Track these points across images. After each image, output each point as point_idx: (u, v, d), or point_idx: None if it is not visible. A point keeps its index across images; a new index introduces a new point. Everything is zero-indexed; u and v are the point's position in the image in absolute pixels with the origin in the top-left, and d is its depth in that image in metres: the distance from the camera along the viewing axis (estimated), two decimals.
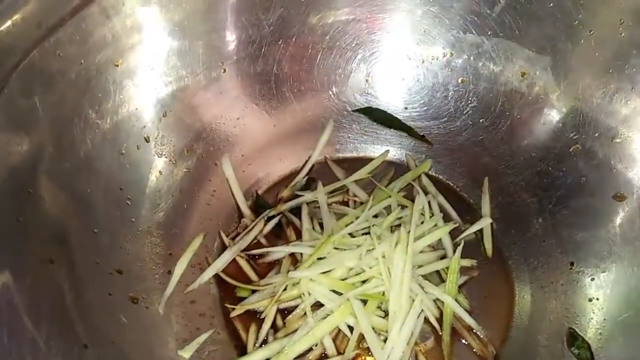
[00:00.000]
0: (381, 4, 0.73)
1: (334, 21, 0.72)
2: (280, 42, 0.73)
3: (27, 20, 0.54)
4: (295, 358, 0.59)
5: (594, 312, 0.62)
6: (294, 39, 0.73)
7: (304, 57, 0.74)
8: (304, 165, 0.77)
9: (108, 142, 0.62)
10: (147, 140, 0.67)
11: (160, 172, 0.68)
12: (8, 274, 0.46)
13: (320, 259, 0.64)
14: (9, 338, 0.43)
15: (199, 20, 0.67)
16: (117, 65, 0.63)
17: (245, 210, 0.73)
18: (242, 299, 0.65)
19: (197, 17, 0.67)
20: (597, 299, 0.63)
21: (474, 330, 0.63)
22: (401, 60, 0.77)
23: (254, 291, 0.65)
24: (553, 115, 0.71)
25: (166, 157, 0.69)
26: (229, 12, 0.69)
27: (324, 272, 0.62)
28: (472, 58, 0.73)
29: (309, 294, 0.62)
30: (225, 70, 0.72)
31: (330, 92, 0.78)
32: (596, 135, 0.67)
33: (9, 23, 0.52)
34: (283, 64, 0.74)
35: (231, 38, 0.71)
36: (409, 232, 0.64)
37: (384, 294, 0.62)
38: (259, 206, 0.73)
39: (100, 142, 0.61)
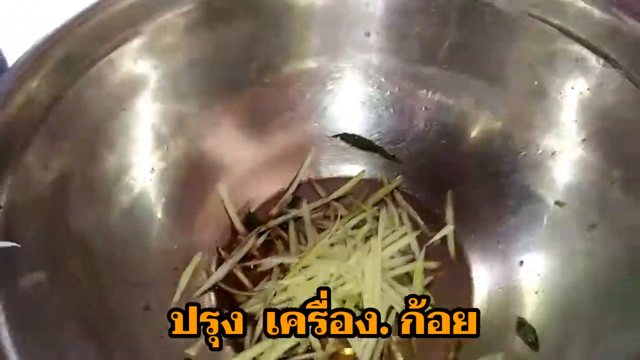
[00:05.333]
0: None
1: (307, 68, 0.84)
2: (266, 82, 0.84)
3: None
4: (286, 351, 0.69)
5: (539, 303, 0.72)
6: (275, 80, 0.84)
7: (286, 97, 0.86)
8: (289, 186, 0.88)
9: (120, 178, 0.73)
10: (152, 171, 0.77)
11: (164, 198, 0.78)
12: (44, 275, 0.57)
13: (305, 267, 0.74)
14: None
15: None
16: (124, 110, 0.73)
17: (240, 227, 0.82)
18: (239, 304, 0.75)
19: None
20: (543, 292, 0.73)
21: None
22: (370, 94, 0.88)
23: (249, 297, 0.75)
24: (504, 136, 0.81)
25: (170, 185, 0.79)
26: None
27: (309, 279, 0.73)
28: (430, 91, 0.85)
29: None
30: (218, 107, 0.83)
31: (312, 124, 0.89)
32: (540, 151, 0.78)
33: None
34: (267, 101, 0.85)
35: (221, 82, 0.82)
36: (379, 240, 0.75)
37: (360, 294, 0.72)
38: (251, 223, 0.83)
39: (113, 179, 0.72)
